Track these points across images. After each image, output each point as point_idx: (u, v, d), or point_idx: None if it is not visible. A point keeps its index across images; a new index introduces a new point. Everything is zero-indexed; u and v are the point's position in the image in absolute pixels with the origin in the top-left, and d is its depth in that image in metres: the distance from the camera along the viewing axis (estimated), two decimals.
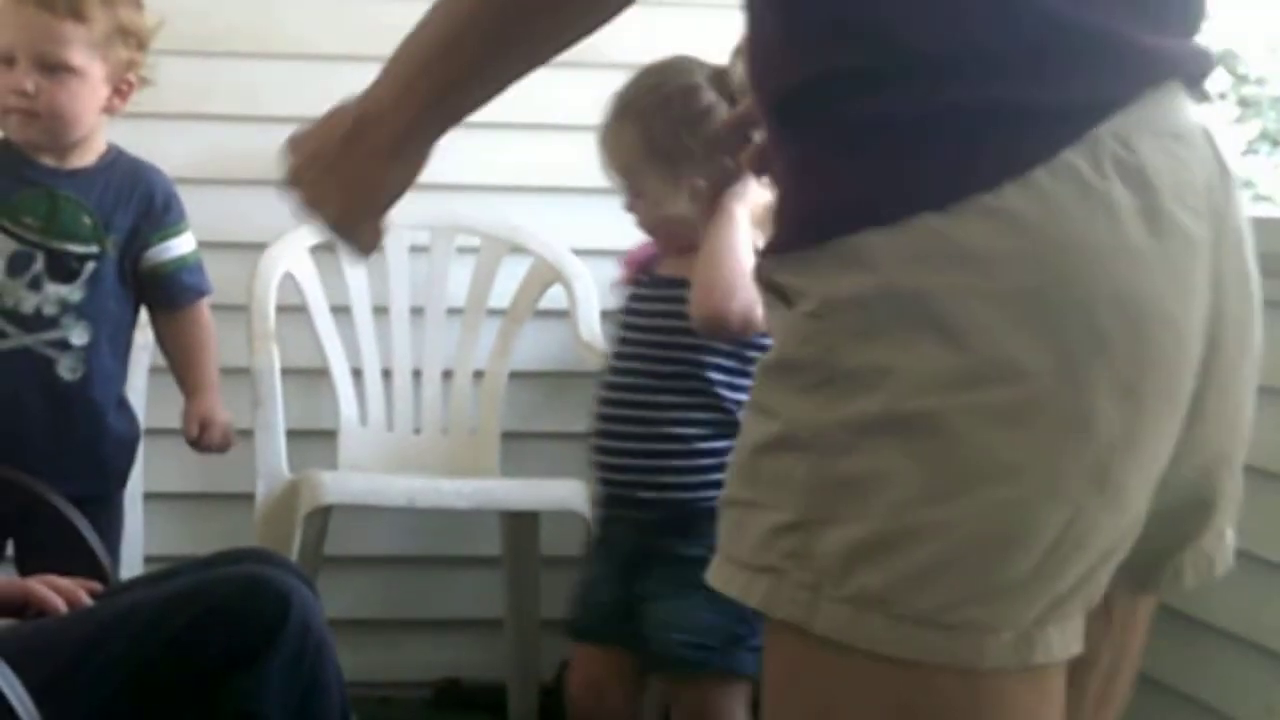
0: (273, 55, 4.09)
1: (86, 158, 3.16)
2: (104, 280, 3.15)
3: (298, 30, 4.08)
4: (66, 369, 3.12)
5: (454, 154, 4.22)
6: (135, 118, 3.43)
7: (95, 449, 3.19)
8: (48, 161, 3.12)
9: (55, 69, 3.07)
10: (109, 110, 3.14)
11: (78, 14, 3.05)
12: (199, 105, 4.05)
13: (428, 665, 4.07)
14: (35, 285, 3.09)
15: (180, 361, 3.25)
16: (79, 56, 3.07)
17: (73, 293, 3.12)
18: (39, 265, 3.09)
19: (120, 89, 3.14)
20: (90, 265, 3.14)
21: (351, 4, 4.10)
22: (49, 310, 3.10)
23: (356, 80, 4.32)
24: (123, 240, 3.17)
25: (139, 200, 3.19)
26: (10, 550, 3.07)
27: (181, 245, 3.25)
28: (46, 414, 3.11)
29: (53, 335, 3.11)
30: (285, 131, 4.44)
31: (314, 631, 2.27)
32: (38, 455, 3.04)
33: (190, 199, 3.91)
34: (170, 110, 3.96)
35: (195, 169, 3.97)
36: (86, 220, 3.14)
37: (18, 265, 3.08)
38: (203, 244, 4.01)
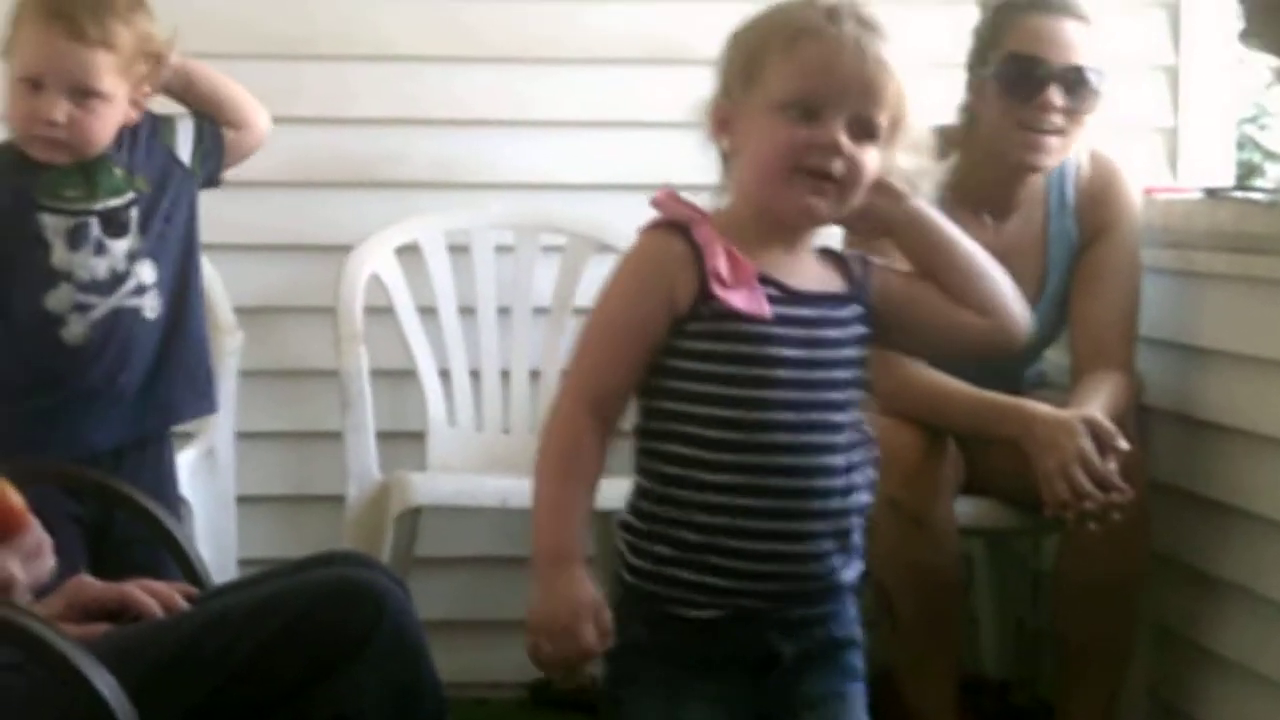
0: (358, 57, 4.09)
1: None
2: (150, 216, 3.21)
3: (384, 32, 4.08)
4: (150, 309, 3.20)
5: (539, 153, 4.26)
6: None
7: (195, 371, 3.30)
8: (60, 158, 3.16)
9: (85, 95, 3.10)
10: (127, 123, 3.16)
11: (107, 42, 3.08)
12: (285, 108, 4.03)
13: (522, 666, 4.02)
14: (100, 250, 3.15)
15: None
16: (108, 82, 3.11)
17: (131, 242, 3.18)
18: (96, 230, 3.15)
19: (137, 101, 3.16)
20: (134, 210, 3.20)
21: (436, 5, 4.09)
22: (120, 267, 3.17)
23: (441, 81, 4.40)
24: (155, 175, 3.23)
25: (146, 134, 3.24)
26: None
27: (183, 127, 3.31)
28: (148, 358, 3.20)
29: (130, 286, 3.18)
30: (371, 133, 4.52)
31: (408, 634, 2.26)
32: (147, 403, 3.20)
33: (276, 201, 3.94)
34: None
35: (281, 172, 3.98)
36: (117, 172, 3.19)
37: (78, 238, 3.14)
38: (289, 247, 4.05)
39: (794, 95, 2.23)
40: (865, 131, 2.24)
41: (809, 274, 2.32)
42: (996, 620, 3.99)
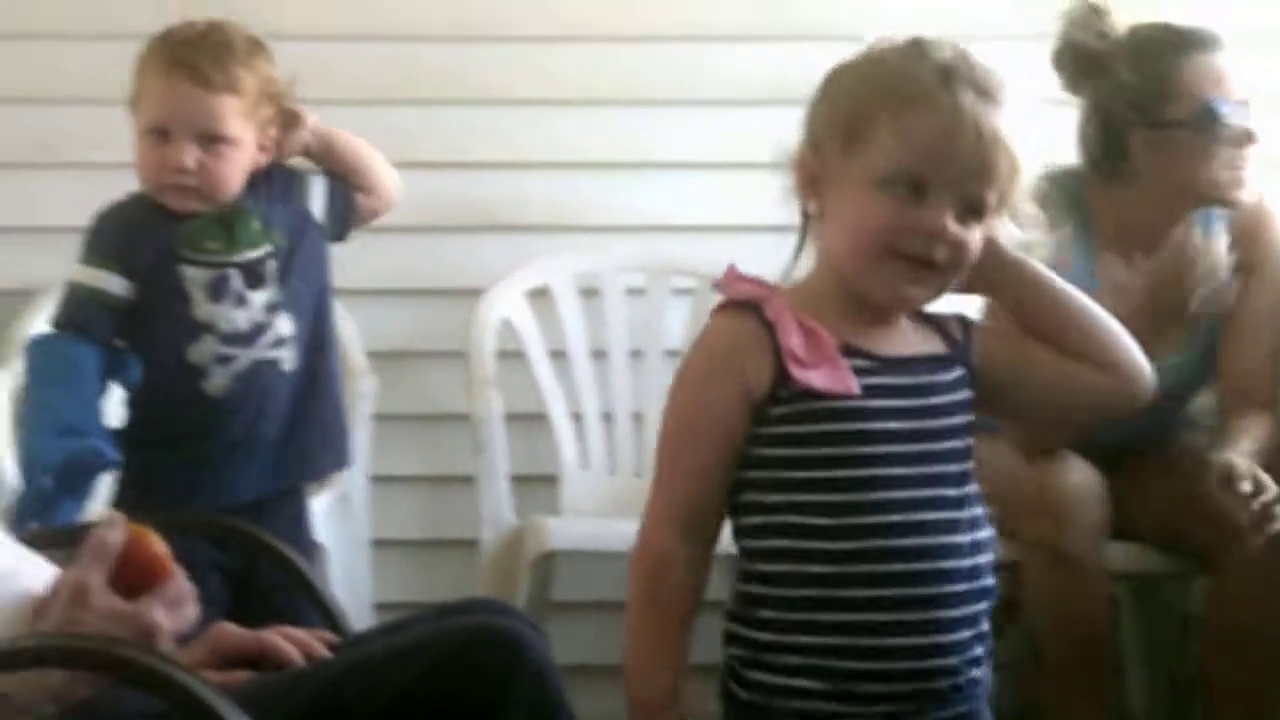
0: (481, 101, 4.10)
1: None
2: (287, 270, 3.21)
3: (505, 77, 4.09)
4: (287, 362, 3.19)
5: (668, 195, 4.26)
6: None
7: (331, 426, 3.29)
8: (194, 204, 3.16)
9: (212, 141, 3.10)
10: (256, 168, 3.17)
11: (231, 87, 3.08)
12: (414, 153, 4.05)
13: None
14: (240, 302, 3.15)
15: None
16: (234, 127, 3.11)
17: (270, 294, 3.18)
18: (236, 282, 3.15)
19: (264, 145, 3.17)
20: (272, 263, 3.20)
21: (557, 50, 4.10)
22: (259, 319, 3.17)
23: (564, 125, 4.41)
24: (290, 229, 3.23)
25: (280, 189, 3.24)
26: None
27: (316, 184, 3.30)
28: (286, 410, 3.20)
29: (269, 338, 3.18)
30: (500, 177, 4.54)
31: (548, 681, 2.24)
32: (286, 454, 3.19)
33: (405, 246, 3.95)
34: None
35: (408, 217, 3.97)
36: (255, 224, 3.20)
37: (219, 290, 3.14)
38: (420, 291, 4.06)
39: (900, 172, 2.04)
40: (973, 211, 2.07)
41: (903, 338, 2.14)
42: (1144, 666, 3.91)
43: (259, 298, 3.17)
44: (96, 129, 3.94)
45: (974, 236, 2.07)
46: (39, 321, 3.79)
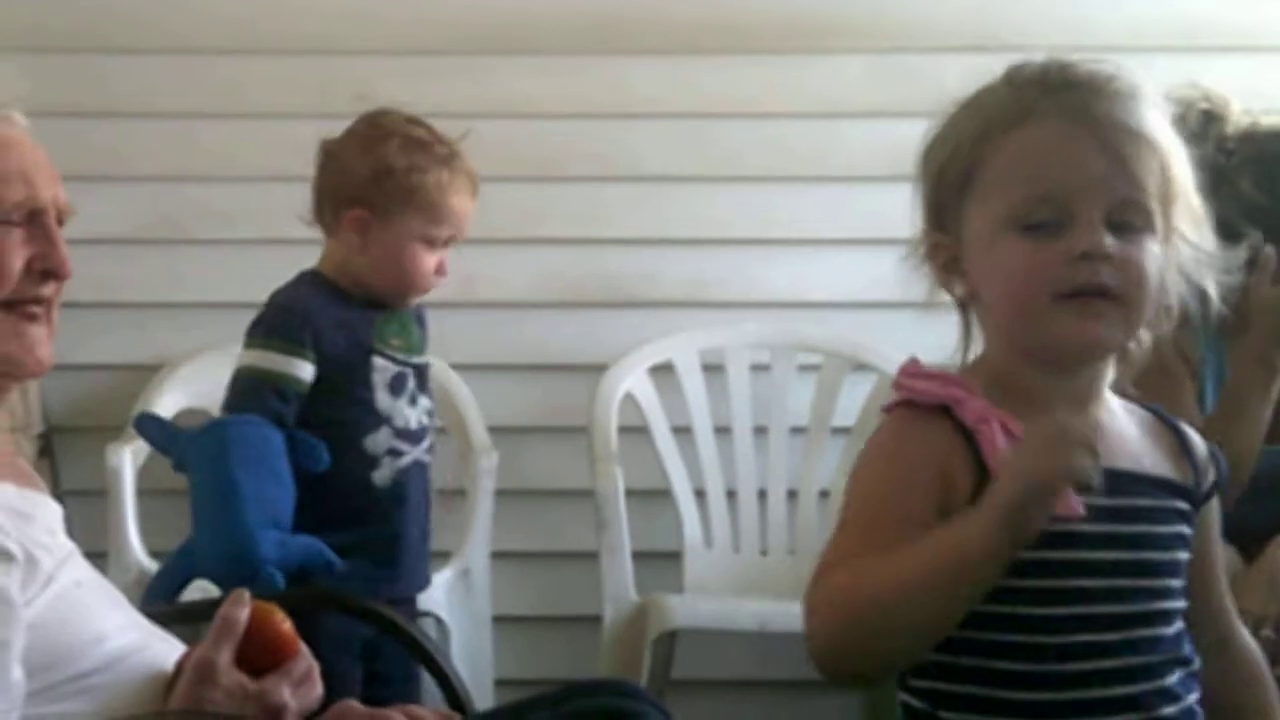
0: (610, 178, 4.11)
1: None
2: (429, 382, 3.26)
3: (636, 152, 4.09)
4: (430, 470, 3.23)
5: (792, 271, 4.25)
6: (473, 243, 3.45)
7: (425, 547, 3.29)
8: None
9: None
10: None
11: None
12: (538, 229, 4.08)
13: None
14: (413, 401, 3.18)
15: None
16: None
17: (428, 401, 3.23)
18: (412, 383, 3.18)
19: None
20: (428, 371, 3.25)
21: (685, 126, 4.10)
22: (423, 420, 3.21)
23: (694, 199, 4.42)
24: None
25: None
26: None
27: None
28: (425, 514, 3.23)
29: (426, 443, 3.22)
30: (624, 253, 4.53)
31: None
32: (420, 560, 3.22)
33: (527, 322, 3.96)
34: (508, 235, 4.01)
35: (532, 292, 4.01)
36: (418, 332, 3.24)
37: (398, 386, 3.16)
38: (542, 366, 4.07)
39: (1028, 203, 1.76)
40: (1134, 223, 1.78)
41: (1126, 445, 1.85)
42: None
43: (423, 401, 3.21)
44: (227, 206, 4.00)
45: (1146, 250, 1.78)
46: (165, 398, 3.84)
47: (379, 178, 3.11)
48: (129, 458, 3.75)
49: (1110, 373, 1.87)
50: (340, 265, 3.17)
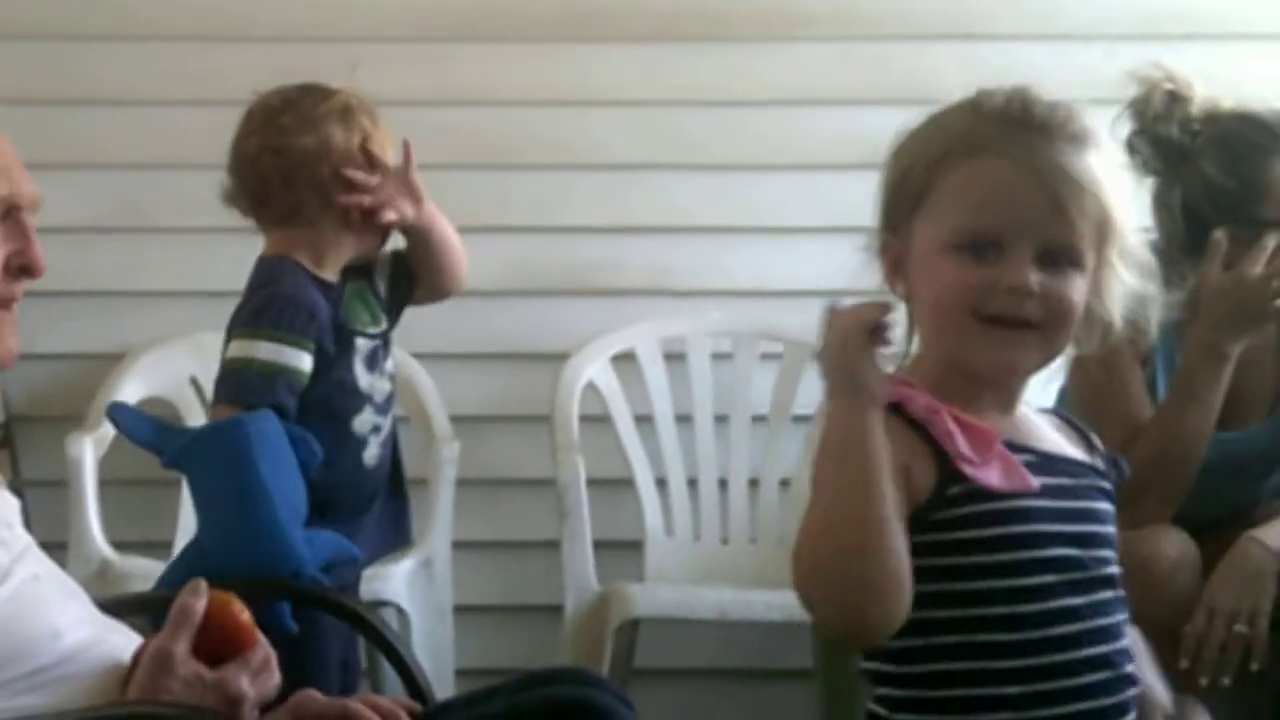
0: (572, 166, 4.10)
1: None
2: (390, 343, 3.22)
3: (597, 140, 4.09)
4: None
5: (755, 259, 4.26)
6: None
7: (405, 495, 3.25)
8: (332, 278, 3.13)
9: None
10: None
11: None
12: (499, 217, 4.07)
13: None
14: (383, 372, 3.14)
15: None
16: None
17: (392, 364, 3.18)
18: (381, 353, 3.14)
19: None
20: (389, 333, 3.18)
21: (649, 114, 4.10)
22: (390, 387, 3.16)
23: (656, 188, 4.41)
24: (387, 290, 3.21)
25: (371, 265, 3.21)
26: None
27: (383, 262, 3.24)
28: (390, 482, 3.17)
29: (394, 408, 3.17)
30: (587, 241, 4.52)
31: None
32: (387, 524, 3.16)
33: (490, 310, 3.95)
34: (469, 223, 3.98)
35: (495, 280, 4.00)
36: (373, 300, 3.18)
37: (373, 361, 3.12)
38: (504, 355, 4.07)
39: (965, 231, 1.88)
40: (1062, 260, 1.89)
41: (1049, 435, 1.98)
42: None
43: (389, 367, 3.16)
44: (190, 194, 3.97)
45: (1072, 287, 1.90)
46: (128, 386, 3.83)
47: (375, 146, 3.08)
48: (90, 448, 3.74)
49: (1031, 379, 1.99)
50: (320, 246, 3.11)
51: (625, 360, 3.99)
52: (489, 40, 4.09)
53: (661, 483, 3.98)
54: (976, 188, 1.90)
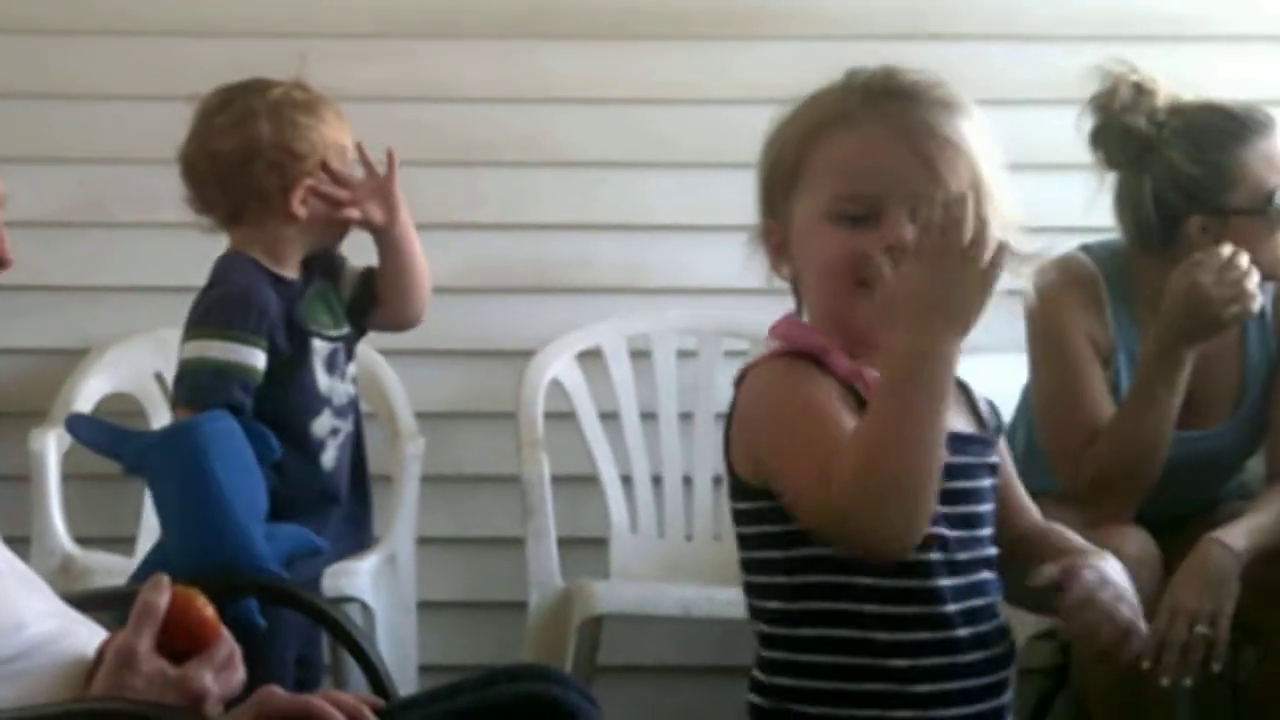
0: (538, 163, 4.10)
1: None
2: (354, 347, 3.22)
3: (563, 137, 4.09)
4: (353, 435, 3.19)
5: (720, 257, 4.26)
6: None
7: (368, 498, 3.25)
8: (291, 275, 3.12)
9: None
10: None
11: None
12: (466, 214, 4.08)
13: None
14: (343, 375, 3.15)
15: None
16: None
17: (353, 367, 3.19)
18: (341, 356, 3.15)
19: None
20: (352, 337, 3.19)
21: (615, 112, 4.10)
22: (353, 391, 3.17)
23: (623, 186, 4.41)
24: (348, 304, 3.20)
25: (330, 266, 3.19)
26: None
27: (351, 273, 3.24)
28: (352, 483, 3.17)
29: (355, 415, 3.17)
30: (553, 239, 4.52)
31: None
32: (349, 525, 3.15)
33: (455, 307, 3.95)
34: (435, 220, 3.99)
35: (461, 277, 4.00)
36: (337, 303, 3.18)
37: (332, 364, 3.13)
38: (469, 352, 4.06)
39: (841, 198, 1.93)
40: None
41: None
42: None
43: (350, 371, 3.17)
44: (152, 189, 3.96)
45: None
46: (91, 382, 3.82)
47: (312, 143, 3.07)
48: (53, 442, 3.73)
49: None
50: (273, 244, 3.10)
51: (590, 357, 3.99)
52: (455, 37, 4.09)
53: (626, 480, 3.99)
54: (849, 155, 1.96)
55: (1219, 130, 3.25)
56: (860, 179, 1.95)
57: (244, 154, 3.06)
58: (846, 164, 1.95)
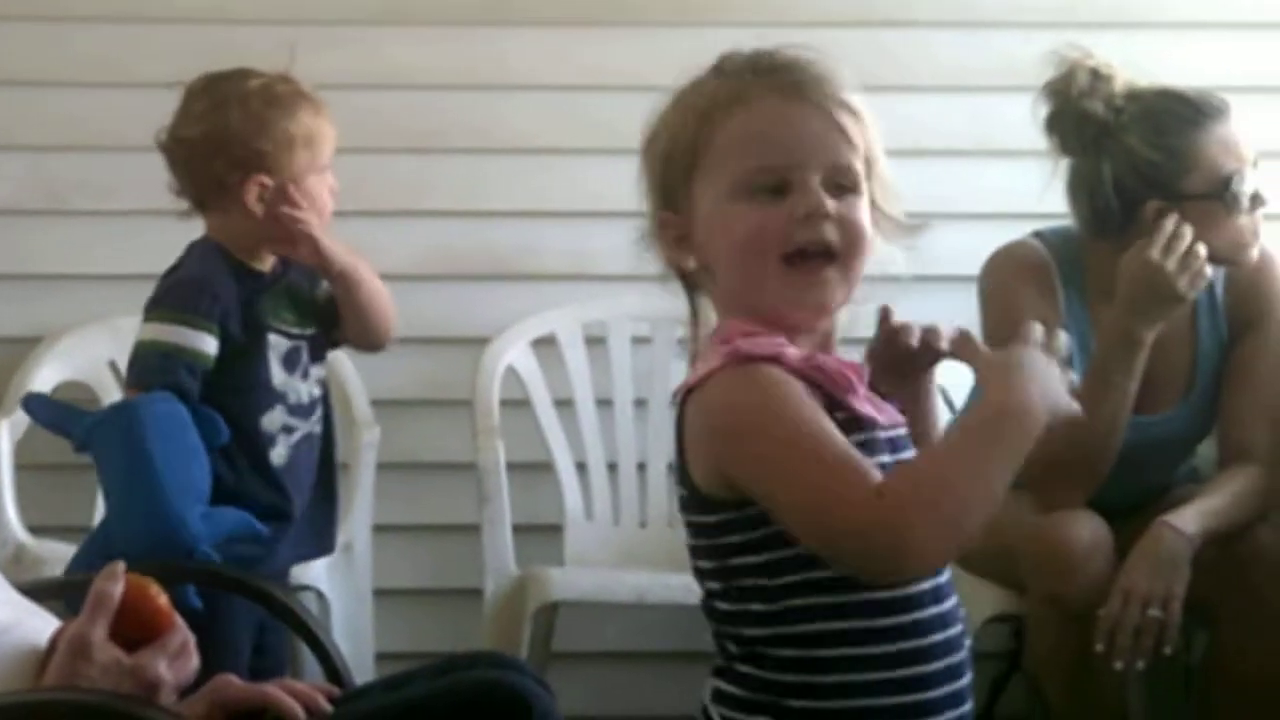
0: (491, 150, 4.10)
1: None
2: (323, 348, 3.23)
3: (516, 125, 4.08)
4: (320, 440, 3.20)
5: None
6: (353, 215, 3.44)
7: (334, 501, 3.27)
8: (260, 266, 3.13)
9: None
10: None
11: None
12: (418, 202, 4.07)
13: None
14: (305, 375, 3.15)
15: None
16: None
17: (319, 370, 3.19)
18: (304, 355, 3.15)
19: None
20: (319, 339, 3.20)
21: (568, 98, 4.10)
22: (315, 393, 3.18)
23: (575, 173, 4.42)
24: (321, 305, 3.21)
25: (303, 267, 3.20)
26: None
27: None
28: (316, 485, 3.19)
29: (318, 414, 3.19)
30: (502, 226, 4.52)
31: None
32: (309, 530, 3.17)
33: (410, 295, 3.93)
34: (388, 207, 4.00)
35: (415, 265, 4.00)
36: (308, 303, 3.20)
37: (292, 361, 3.14)
38: (424, 340, 4.05)
39: (751, 172, 1.90)
40: (845, 186, 1.92)
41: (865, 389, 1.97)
42: (1149, 717, 3.90)
43: (315, 372, 3.17)
44: (107, 177, 3.96)
45: (861, 212, 1.92)
46: (44, 370, 3.80)
47: (277, 141, 3.07)
48: (6, 431, 3.72)
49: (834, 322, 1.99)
50: (238, 235, 3.12)
51: (545, 344, 3.99)
52: (405, 24, 4.08)
53: (581, 466, 3.99)
54: (753, 130, 1.92)
55: (1176, 115, 3.26)
56: (770, 150, 1.91)
57: (208, 143, 3.07)
58: (750, 139, 1.91)
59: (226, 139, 3.06)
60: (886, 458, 1.91)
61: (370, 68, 4.03)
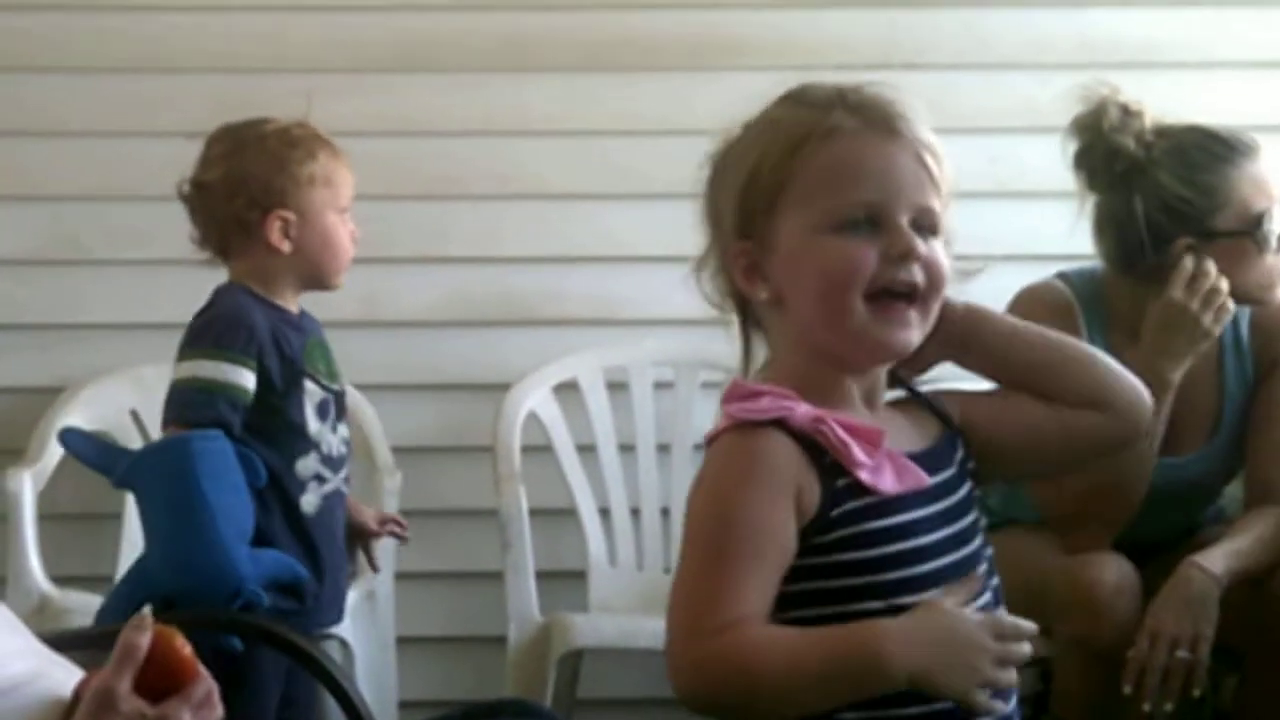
0: (511, 196, 4.10)
1: None
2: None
3: (536, 170, 4.09)
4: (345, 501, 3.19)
5: (693, 290, 4.24)
6: (374, 262, 3.45)
7: (340, 578, 3.24)
8: (293, 308, 3.14)
9: None
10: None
11: None
12: (440, 248, 4.07)
13: None
14: (334, 428, 3.14)
15: None
16: None
17: (344, 428, 3.18)
18: (333, 409, 3.14)
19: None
20: (343, 398, 3.20)
21: (588, 144, 4.10)
22: (343, 450, 3.16)
23: (594, 217, 4.42)
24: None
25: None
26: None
27: None
28: (342, 544, 3.19)
29: (345, 471, 3.17)
30: (524, 271, 4.52)
31: None
32: (336, 586, 3.15)
33: (430, 341, 3.96)
34: (409, 254, 4.00)
35: (435, 311, 4.01)
36: (334, 360, 3.20)
37: (324, 411, 3.13)
38: (445, 386, 4.05)
39: (850, 206, 1.87)
40: (929, 226, 1.90)
41: (906, 428, 1.95)
42: None
43: (342, 429, 3.16)
44: (130, 226, 3.97)
45: (941, 253, 1.91)
46: (67, 419, 3.80)
47: (296, 178, 3.09)
48: (29, 482, 3.72)
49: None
50: (264, 275, 3.12)
51: (567, 390, 3.99)
52: (426, 71, 4.09)
53: (604, 512, 3.98)
54: (846, 164, 1.88)
55: (1208, 152, 3.25)
56: (864, 186, 1.88)
57: (228, 184, 3.09)
58: (845, 172, 1.88)
59: (245, 178, 3.08)
60: (897, 546, 1.87)
61: (390, 114, 4.04)
